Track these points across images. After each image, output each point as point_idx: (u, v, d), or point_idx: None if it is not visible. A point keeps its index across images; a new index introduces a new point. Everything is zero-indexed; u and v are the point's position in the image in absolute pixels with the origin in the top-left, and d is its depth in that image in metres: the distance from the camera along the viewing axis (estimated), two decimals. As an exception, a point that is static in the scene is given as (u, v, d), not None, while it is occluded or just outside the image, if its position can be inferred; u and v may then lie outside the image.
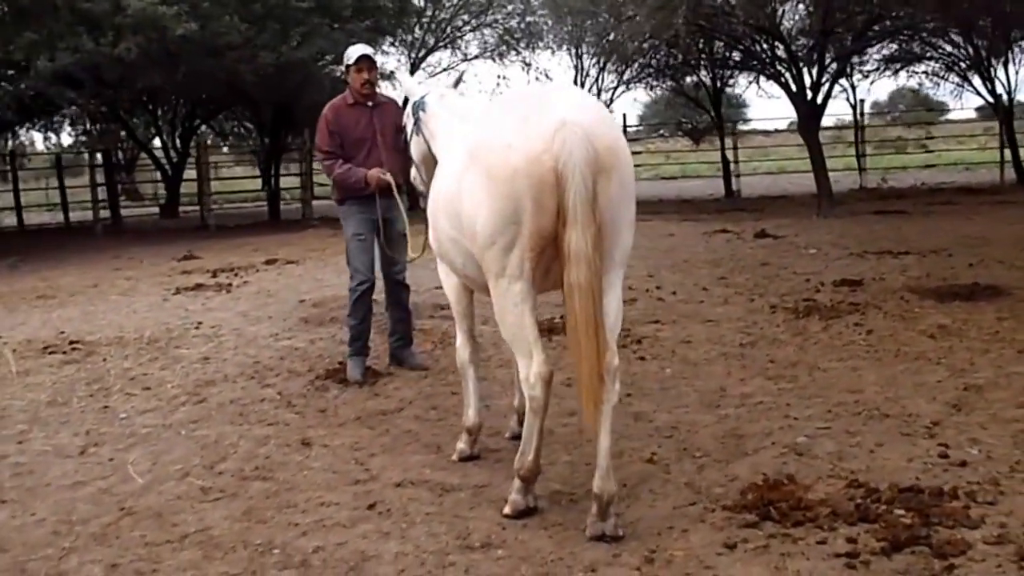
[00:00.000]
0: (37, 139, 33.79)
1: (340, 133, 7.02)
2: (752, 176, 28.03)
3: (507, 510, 4.34)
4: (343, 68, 7.47)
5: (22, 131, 28.97)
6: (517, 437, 5.35)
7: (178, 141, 30.80)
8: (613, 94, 29.06)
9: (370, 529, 4.29)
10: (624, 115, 30.65)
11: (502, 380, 6.67)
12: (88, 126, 30.45)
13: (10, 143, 30.77)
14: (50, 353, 8.31)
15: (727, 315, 8.56)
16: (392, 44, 27.33)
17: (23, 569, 4.10)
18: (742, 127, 36.31)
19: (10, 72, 17.11)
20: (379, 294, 7.27)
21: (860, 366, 6.59)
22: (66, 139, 33.31)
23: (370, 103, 7.06)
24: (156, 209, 30.24)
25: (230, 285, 12.12)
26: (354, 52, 7.13)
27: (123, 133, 30.67)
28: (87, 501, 4.86)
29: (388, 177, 6.84)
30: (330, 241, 16.74)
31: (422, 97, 5.52)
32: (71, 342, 8.71)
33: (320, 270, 13.20)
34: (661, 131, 38.38)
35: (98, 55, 15.82)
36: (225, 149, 37.53)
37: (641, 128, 38.36)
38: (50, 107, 20.78)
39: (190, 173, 28.75)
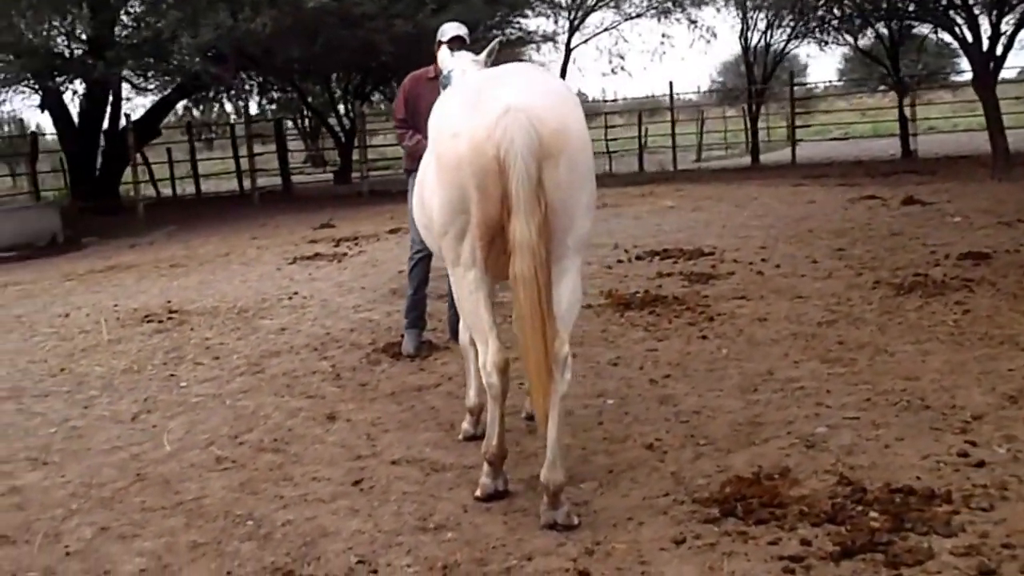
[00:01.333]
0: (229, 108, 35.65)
1: (413, 104, 7.24)
2: (948, 134, 26.61)
3: (478, 493, 4.44)
4: (436, 43, 7.68)
5: (190, 103, 30.59)
6: (531, 417, 5.45)
7: (351, 109, 31.94)
8: (784, 48, 28.19)
9: (344, 505, 4.49)
10: (791, 73, 29.37)
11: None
12: (270, 96, 32.00)
13: (196, 112, 32.79)
14: (148, 322, 8.94)
15: (822, 291, 8.28)
16: (549, 6, 27.41)
17: (28, 528, 4.51)
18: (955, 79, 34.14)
19: (161, 50, 18.18)
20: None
21: (932, 350, 6.27)
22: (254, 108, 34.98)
23: None
24: (331, 176, 31.68)
25: (344, 255, 12.61)
26: (448, 30, 7.30)
27: (304, 102, 32.11)
28: (113, 466, 5.27)
29: None
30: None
31: (448, 72, 5.61)
32: (171, 312, 9.33)
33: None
34: (864, 86, 36.51)
35: (237, 30, 16.63)
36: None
37: (840, 83, 36.96)
38: (198, 83, 21.93)
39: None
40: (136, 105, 31.73)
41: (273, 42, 17.39)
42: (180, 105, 29.70)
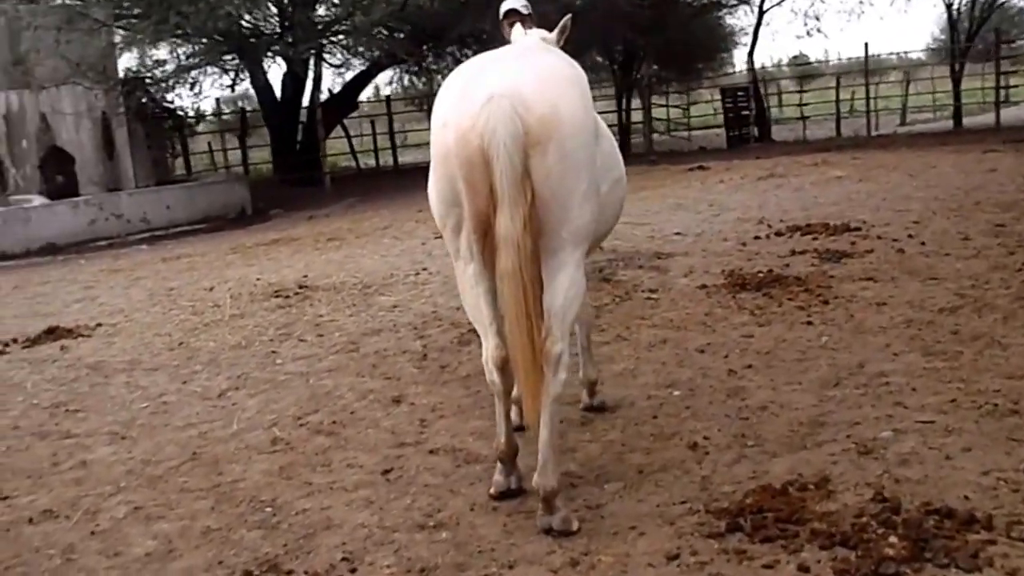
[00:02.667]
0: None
1: None
2: None
3: (491, 490, 4.26)
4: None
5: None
6: (589, 408, 5.23)
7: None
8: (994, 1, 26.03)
9: (362, 496, 4.41)
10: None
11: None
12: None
13: (394, 86, 33.59)
14: (275, 297, 9.19)
15: (960, 272, 7.54)
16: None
17: (75, 503, 4.68)
18: None
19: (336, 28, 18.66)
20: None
21: (1055, 345, 5.57)
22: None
23: None
24: None
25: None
26: (504, 6, 7.15)
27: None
28: (178, 444, 5.41)
29: None
30: (656, 177, 16.61)
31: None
32: (301, 287, 9.55)
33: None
34: None
35: (410, 6, 16.83)
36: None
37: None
38: (392, 59, 22.43)
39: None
40: (338, 81, 32.74)
41: (443, 18, 17.51)
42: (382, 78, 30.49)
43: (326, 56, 23.69)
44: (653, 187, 15.40)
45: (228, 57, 20.72)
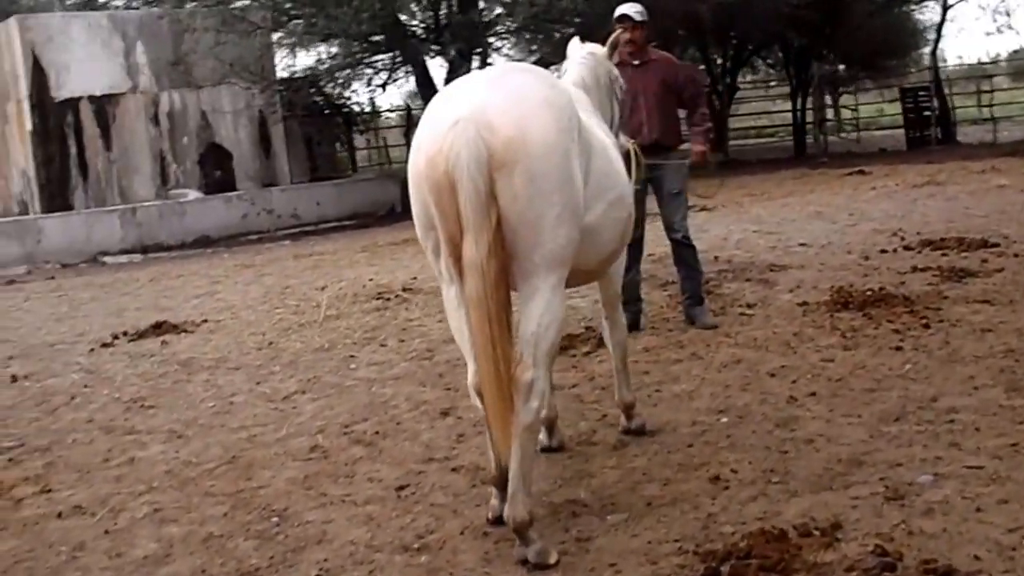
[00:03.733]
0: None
1: None
2: None
3: (488, 514, 4.23)
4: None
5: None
6: (627, 431, 5.14)
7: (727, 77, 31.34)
8: None
9: (366, 512, 4.46)
10: None
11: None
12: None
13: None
14: (376, 299, 9.40)
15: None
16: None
17: (105, 501, 4.93)
18: None
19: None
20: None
21: None
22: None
23: (635, 62, 7.04)
24: (762, 140, 31.30)
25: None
26: (618, 11, 7.12)
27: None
28: (223, 446, 5.61)
29: (630, 145, 6.86)
30: (809, 182, 16.06)
31: (564, 68, 5.43)
32: (405, 289, 9.74)
33: (741, 218, 12.91)
34: None
35: (553, 6, 16.91)
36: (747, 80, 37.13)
37: None
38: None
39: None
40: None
41: (591, 18, 17.44)
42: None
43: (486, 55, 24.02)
44: (801, 193, 14.91)
45: (383, 57, 21.26)
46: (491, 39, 22.02)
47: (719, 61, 31.30)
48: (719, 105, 30.41)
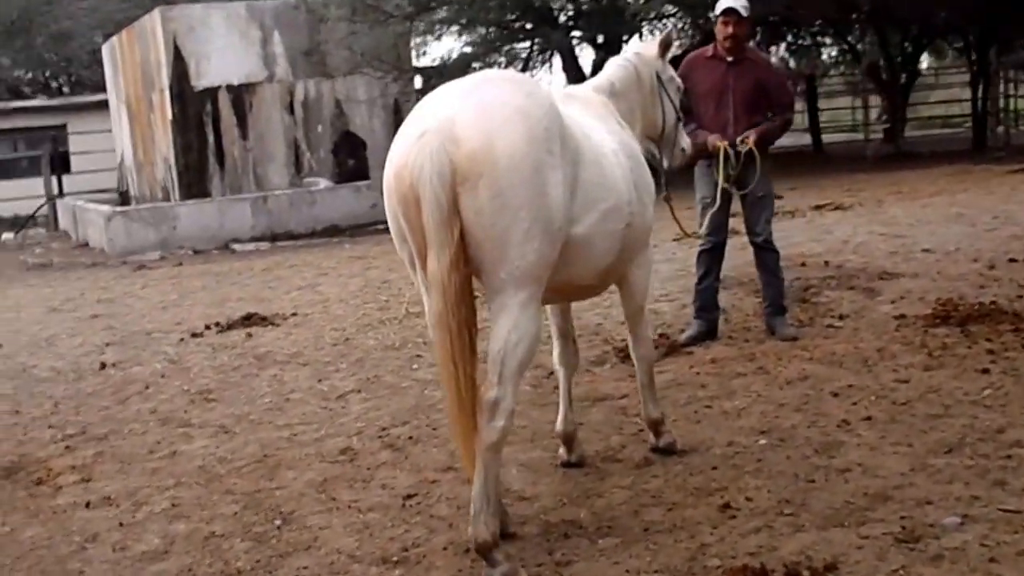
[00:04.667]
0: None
1: (687, 86, 7.04)
2: None
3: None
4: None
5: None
6: (655, 449, 5.07)
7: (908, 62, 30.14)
8: None
9: (365, 520, 4.55)
10: None
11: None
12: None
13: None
14: (465, 296, 9.45)
15: None
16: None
17: (133, 494, 5.19)
18: None
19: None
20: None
21: None
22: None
23: (730, 58, 6.91)
24: (946, 131, 30.13)
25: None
26: (721, 3, 6.99)
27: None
28: (261, 444, 5.79)
29: (720, 143, 6.76)
30: (967, 180, 15.26)
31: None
32: (496, 286, 9.75)
33: (874, 219, 12.39)
34: None
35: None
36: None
37: None
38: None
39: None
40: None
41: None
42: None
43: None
44: (951, 192, 14.16)
45: (524, 44, 21.36)
46: (643, 24, 21.81)
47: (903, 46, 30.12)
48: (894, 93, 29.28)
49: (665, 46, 5.41)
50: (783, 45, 28.86)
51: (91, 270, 15.11)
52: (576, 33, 21.18)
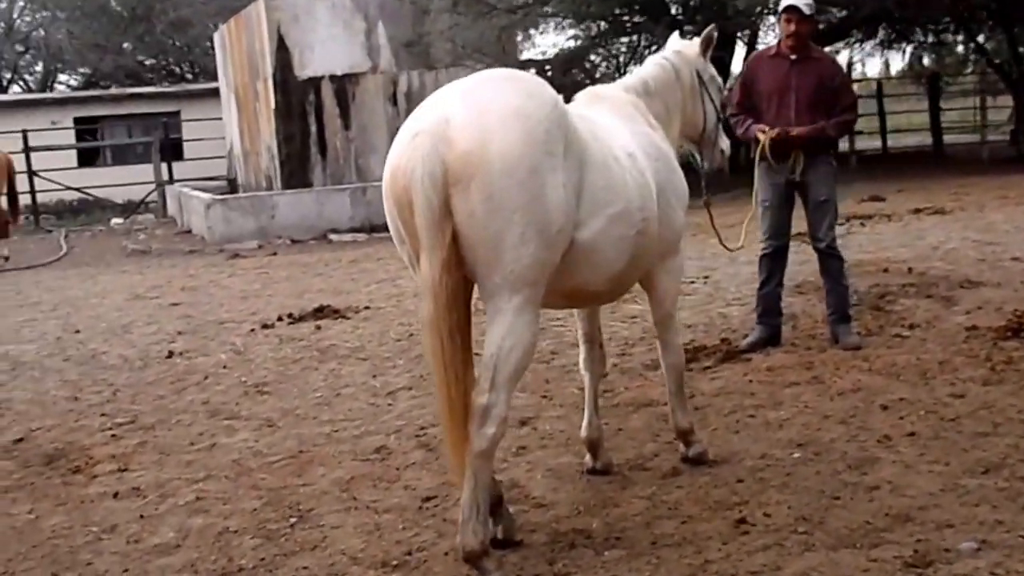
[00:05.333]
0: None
1: (751, 85, 7.10)
2: None
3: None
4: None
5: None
6: (686, 459, 5.05)
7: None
8: None
9: (379, 521, 4.62)
10: None
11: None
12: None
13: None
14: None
15: None
16: None
17: (163, 486, 5.35)
18: None
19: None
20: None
21: None
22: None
23: (793, 56, 6.82)
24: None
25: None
26: (785, 1, 6.92)
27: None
28: (300, 439, 5.92)
29: (768, 132, 6.67)
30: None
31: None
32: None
33: (970, 225, 11.99)
34: None
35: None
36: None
37: None
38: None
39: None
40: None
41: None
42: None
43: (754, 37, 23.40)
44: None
45: (631, 38, 21.23)
46: (754, 20, 21.45)
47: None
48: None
49: (707, 44, 5.35)
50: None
51: (186, 257, 15.64)
52: (688, 28, 20.95)
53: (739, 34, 21.77)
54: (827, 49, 23.93)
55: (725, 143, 5.58)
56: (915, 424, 5.25)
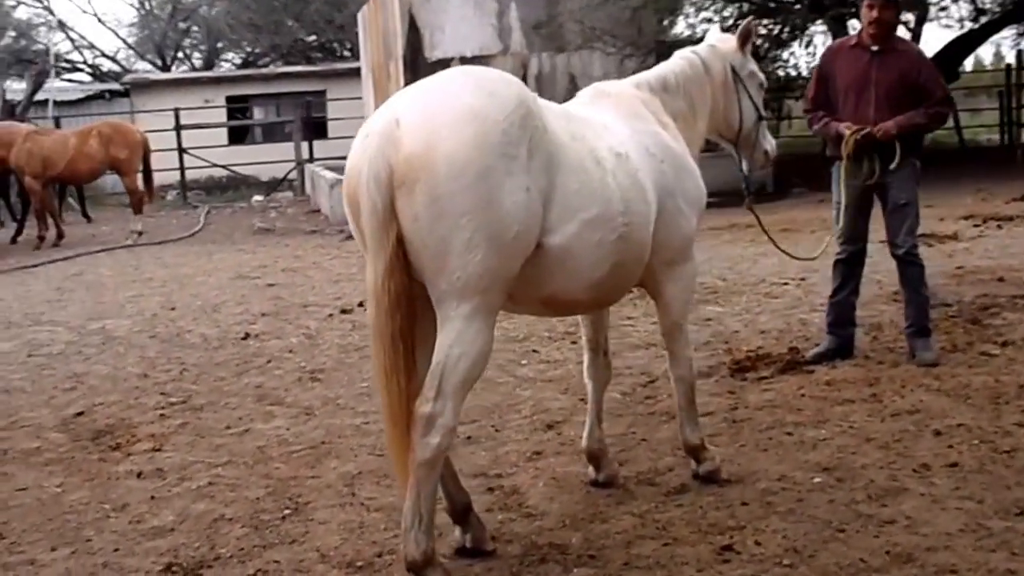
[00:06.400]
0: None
1: (828, 78, 6.80)
2: None
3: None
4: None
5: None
6: (696, 476, 4.92)
7: None
8: None
9: (366, 519, 4.63)
10: None
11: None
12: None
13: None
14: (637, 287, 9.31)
15: None
16: None
17: (186, 468, 5.49)
18: None
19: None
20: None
21: None
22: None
23: (874, 47, 6.48)
24: None
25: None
26: None
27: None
28: (329, 429, 5.97)
29: (852, 131, 6.36)
30: None
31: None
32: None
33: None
34: None
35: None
36: None
37: None
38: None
39: None
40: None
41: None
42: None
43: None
44: None
45: (767, 21, 20.60)
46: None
47: None
48: None
49: (745, 38, 5.13)
50: None
51: (306, 237, 16.02)
52: (842, 12, 20.19)
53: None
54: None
55: (770, 144, 5.34)
56: (962, 454, 4.92)
